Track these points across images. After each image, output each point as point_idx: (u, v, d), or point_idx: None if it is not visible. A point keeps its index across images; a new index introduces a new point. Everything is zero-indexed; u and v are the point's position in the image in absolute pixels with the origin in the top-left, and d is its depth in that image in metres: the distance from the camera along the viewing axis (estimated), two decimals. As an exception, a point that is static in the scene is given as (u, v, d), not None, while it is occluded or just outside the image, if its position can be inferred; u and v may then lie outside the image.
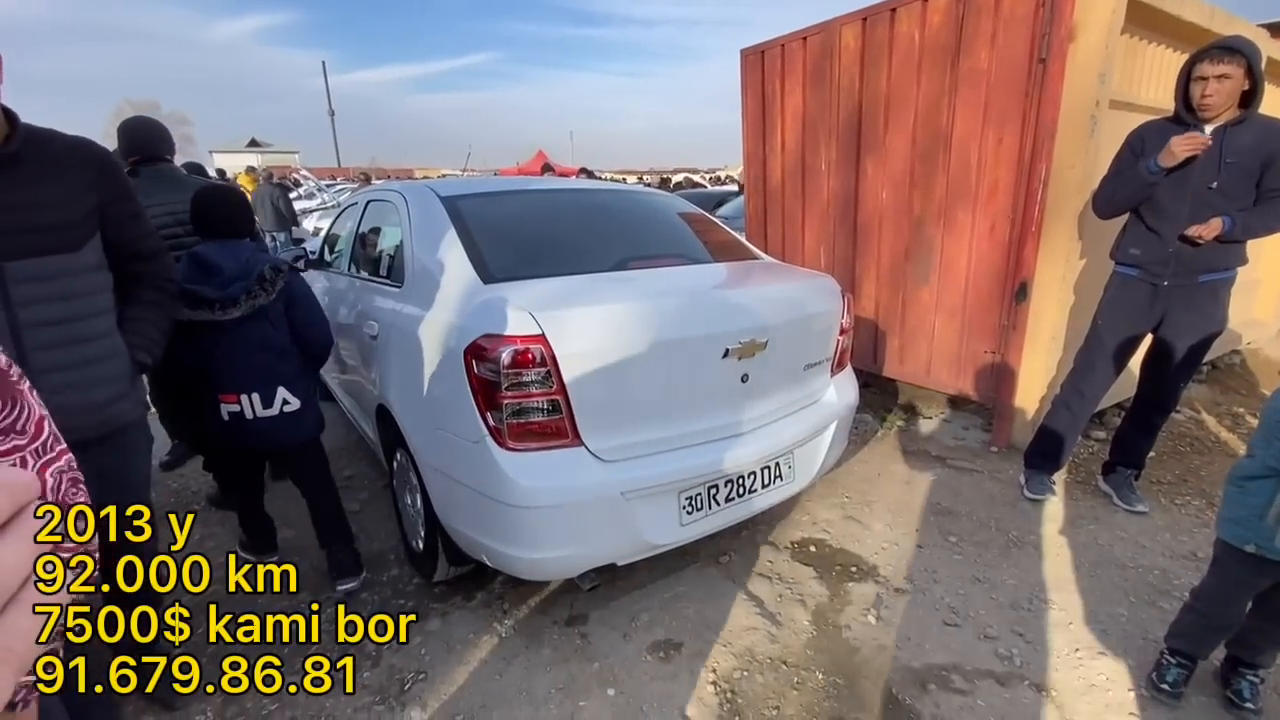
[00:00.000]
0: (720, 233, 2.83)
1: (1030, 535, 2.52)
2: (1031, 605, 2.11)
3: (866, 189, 3.73)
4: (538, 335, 1.67)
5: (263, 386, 2.02)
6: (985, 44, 3.01)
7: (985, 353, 3.27)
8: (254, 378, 2.01)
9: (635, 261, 2.29)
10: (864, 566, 2.35)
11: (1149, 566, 2.31)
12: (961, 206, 3.24)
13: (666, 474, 1.85)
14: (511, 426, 1.71)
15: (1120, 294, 2.51)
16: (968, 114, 3.14)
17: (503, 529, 1.77)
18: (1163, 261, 2.36)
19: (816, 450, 2.29)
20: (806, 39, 3.90)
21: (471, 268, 1.99)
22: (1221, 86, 2.14)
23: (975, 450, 3.28)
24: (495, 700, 1.78)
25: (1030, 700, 1.75)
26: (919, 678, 1.83)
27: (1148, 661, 1.83)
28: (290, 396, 2.06)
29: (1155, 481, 2.90)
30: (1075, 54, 2.72)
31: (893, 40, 3.39)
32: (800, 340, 2.19)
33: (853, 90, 3.67)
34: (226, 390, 2.00)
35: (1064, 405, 2.68)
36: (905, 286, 3.61)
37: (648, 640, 2.00)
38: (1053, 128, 2.80)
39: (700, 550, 2.40)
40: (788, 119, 4.19)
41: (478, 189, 2.57)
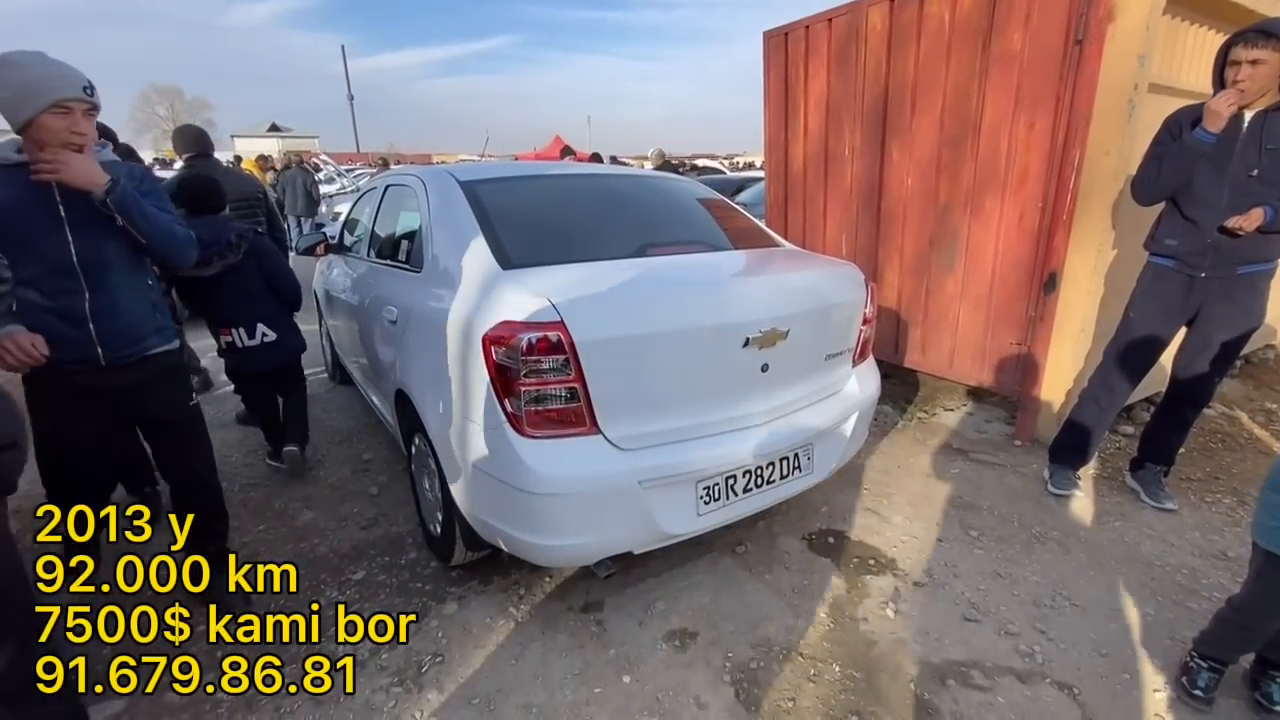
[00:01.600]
0: (741, 219, 2.78)
1: (1054, 531, 2.47)
2: (1054, 602, 2.08)
3: (891, 175, 3.65)
4: (556, 322, 1.66)
5: (245, 323, 2.72)
6: (1019, 25, 2.91)
7: (1011, 344, 3.20)
8: (238, 317, 2.71)
9: (655, 248, 2.26)
10: (883, 559, 2.32)
11: (1177, 565, 2.25)
12: (989, 194, 3.16)
13: (684, 464, 1.84)
14: (529, 414, 1.70)
15: (1155, 285, 2.43)
16: (998, 98, 3.04)
17: (519, 515, 1.77)
18: (1200, 252, 2.28)
19: (836, 442, 2.26)
20: (832, 20, 3.80)
21: (490, 253, 1.98)
22: (1256, 71, 2.05)
23: (998, 443, 3.22)
24: (511, 685, 1.79)
25: (1052, 699, 1.72)
26: (938, 673, 1.81)
27: (1174, 662, 1.80)
28: (268, 330, 2.77)
29: (1185, 478, 2.83)
30: (1114, 35, 2.62)
31: (921, 21, 3.30)
32: (822, 330, 2.16)
33: (879, 73, 3.58)
34: (223, 325, 2.73)
35: (1092, 399, 2.61)
36: (929, 275, 3.53)
37: (663, 629, 1.99)
38: (1088, 112, 2.71)
39: (717, 540, 2.39)
40: (811, 103, 4.11)
41: (497, 174, 2.55)
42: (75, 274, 1.62)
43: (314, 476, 3.02)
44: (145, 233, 1.63)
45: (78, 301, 1.63)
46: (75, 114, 1.54)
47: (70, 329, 1.63)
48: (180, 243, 1.78)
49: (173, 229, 1.74)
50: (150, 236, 1.66)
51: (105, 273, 1.67)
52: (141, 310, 1.76)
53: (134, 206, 1.60)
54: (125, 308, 1.71)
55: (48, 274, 1.59)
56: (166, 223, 1.73)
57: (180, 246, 1.78)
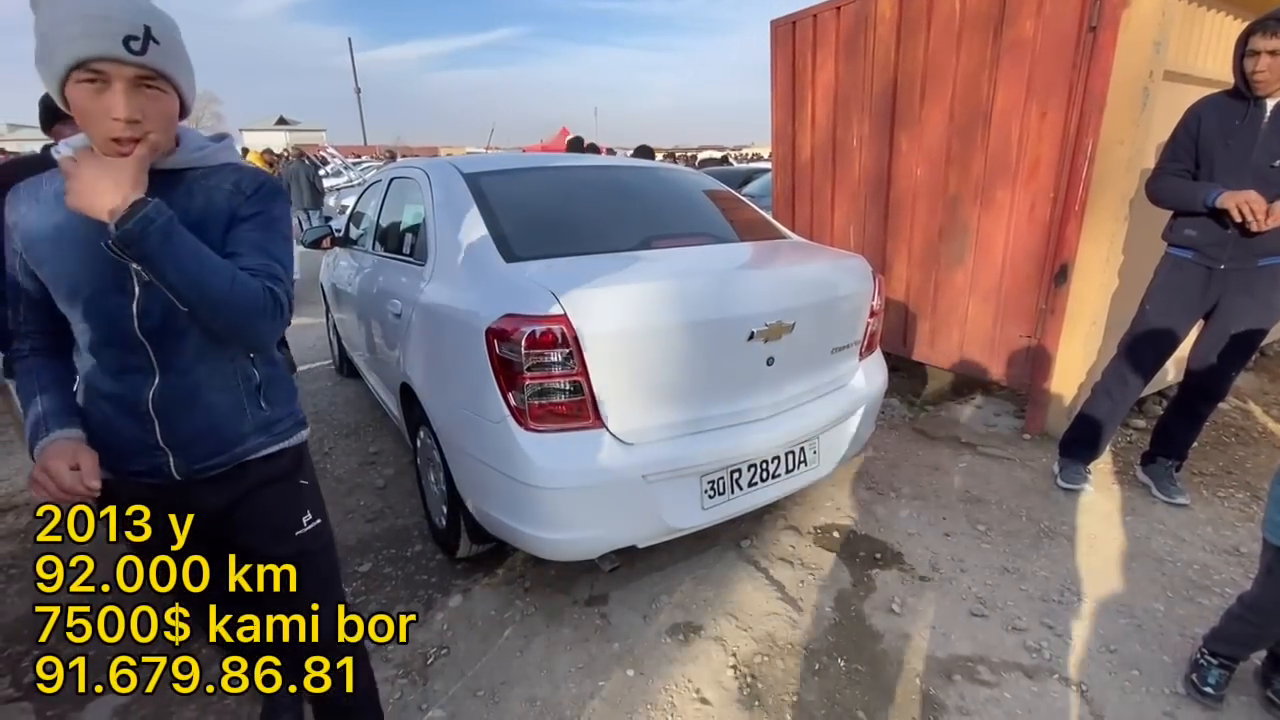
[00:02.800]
0: (747, 211, 2.76)
1: (1063, 525, 2.44)
2: (1063, 598, 2.06)
3: (900, 166, 3.60)
4: (560, 315, 1.65)
5: None
6: (1031, 12, 2.85)
7: (1021, 337, 3.16)
8: None
9: (659, 240, 2.24)
10: (889, 554, 2.31)
11: (1188, 561, 2.22)
12: (1000, 184, 3.11)
13: (688, 457, 1.83)
14: (533, 407, 1.69)
15: (1172, 277, 2.39)
16: (1009, 86, 2.99)
17: (523, 509, 1.77)
18: (1220, 243, 2.23)
19: (842, 436, 2.24)
20: (840, 8, 3.75)
21: (494, 246, 1.97)
22: (1275, 62, 2.00)
23: (1007, 437, 3.19)
24: (516, 677, 1.79)
25: (1059, 694, 1.71)
26: (944, 668, 1.80)
27: (1184, 659, 1.77)
28: None
29: (1197, 473, 2.79)
30: (1129, 21, 2.56)
31: (932, 9, 3.24)
32: (828, 323, 2.13)
33: (888, 62, 3.53)
34: None
35: (1105, 392, 2.58)
36: (938, 268, 3.49)
37: (668, 622, 1.99)
38: (1101, 101, 2.66)
39: (722, 534, 2.38)
40: (819, 93, 4.06)
41: (500, 166, 2.54)
42: (140, 347, 1.07)
43: (321, 469, 3.04)
44: (182, 293, 0.97)
45: (142, 386, 1.09)
46: (114, 85, 0.93)
47: (133, 426, 1.10)
48: (246, 307, 1.03)
49: (234, 286, 1.01)
50: (189, 297, 0.98)
51: (178, 344, 1.09)
52: (231, 400, 1.16)
53: (159, 249, 0.93)
54: (206, 398, 1.13)
55: (105, 344, 1.08)
56: (222, 276, 1.00)
57: (246, 312, 1.03)
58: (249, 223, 1.11)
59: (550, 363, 1.67)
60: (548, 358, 1.66)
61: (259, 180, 1.14)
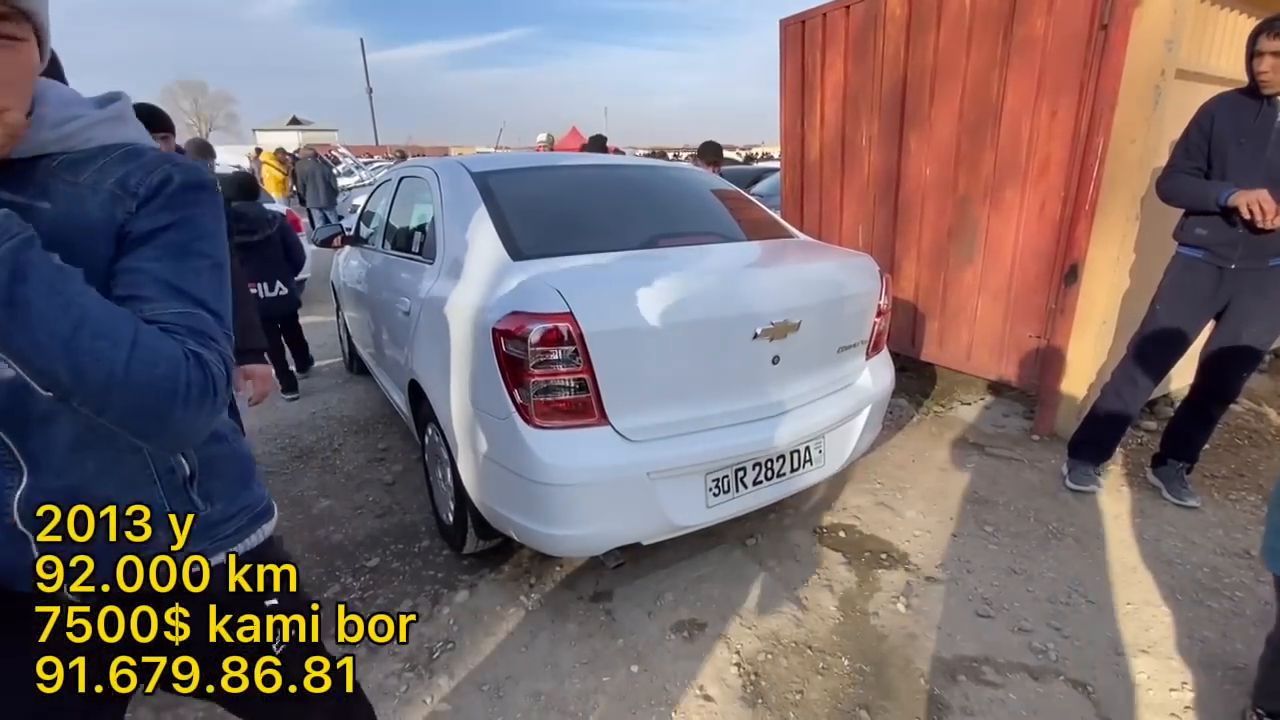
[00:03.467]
0: (754, 210, 2.76)
1: (1071, 527, 2.43)
2: (1070, 599, 2.05)
3: (909, 165, 3.59)
4: (565, 313, 1.66)
5: (266, 280, 3.75)
6: (1042, 9, 2.83)
7: (1030, 337, 3.14)
8: (264, 274, 3.72)
9: (666, 239, 2.24)
10: (895, 553, 2.30)
11: (1198, 564, 2.20)
12: (1010, 184, 3.09)
13: (693, 455, 1.83)
14: (538, 404, 1.71)
15: (1183, 277, 2.36)
16: (1020, 85, 2.98)
17: (529, 506, 1.78)
18: (1231, 243, 2.21)
19: (849, 435, 2.24)
20: (850, 7, 3.74)
21: (501, 244, 1.98)
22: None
23: (1015, 438, 3.17)
24: (521, 672, 1.81)
25: (1065, 696, 1.70)
26: (949, 668, 1.79)
27: (1192, 661, 1.76)
28: (282, 287, 3.83)
29: (1208, 475, 2.76)
30: (1141, 19, 2.54)
31: (942, 7, 3.23)
32: (835, 322, 2.13)
33: (897, 61, 3.51)
34: (251, 280, 3.50)
35: (1115, 393, 2.56)
36: (947, 267, 3.48)
37: (672, 619, 2.00)
38: (1113, 99, 2.64)
39: (727, 532, 2.39)
40: (828, 91, 4.05)
41: (509, 165, 2.55)
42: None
43: (331, 465, 3.07)
44: (41, 368, 0.59)
45: (5, 488, 0.73)
46: None
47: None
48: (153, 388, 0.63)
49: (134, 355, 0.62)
50: (55, 375, 0.59)
51: (43, 433, 0.73)
52: (142, 503, 0.79)
53: (3, 294, 0.56)
54: (98, 504, 0.76)
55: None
56: (114, 338, 0.61)
57: (154, 397, 0.63)
58: (151, 244, 0.69)
59: (556, 360, 1.68)
60: (553, 355, 1.67)
61: (163, 173, 0.71)
